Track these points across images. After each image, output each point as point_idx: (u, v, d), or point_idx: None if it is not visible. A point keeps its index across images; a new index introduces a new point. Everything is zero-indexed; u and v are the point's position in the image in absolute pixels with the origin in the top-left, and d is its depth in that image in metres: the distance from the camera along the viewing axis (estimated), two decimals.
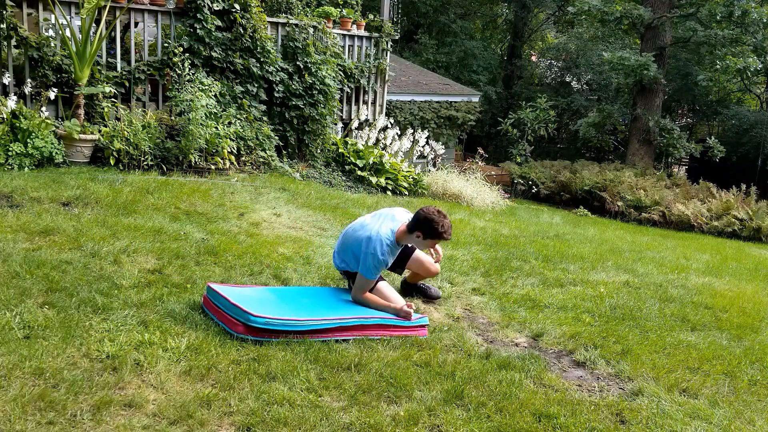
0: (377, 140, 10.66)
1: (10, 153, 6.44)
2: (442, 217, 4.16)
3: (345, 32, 10.22)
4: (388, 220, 4.34)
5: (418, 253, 4.61)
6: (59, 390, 2.91)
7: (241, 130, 8.14)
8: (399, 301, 4.31)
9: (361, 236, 4.25)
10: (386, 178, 9.72)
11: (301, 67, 9.09)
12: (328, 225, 6.52)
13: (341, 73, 10.02)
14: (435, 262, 4.65)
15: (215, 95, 8.01)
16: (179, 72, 7.86)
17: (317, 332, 3.80)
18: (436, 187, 10.36)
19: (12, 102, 6.71)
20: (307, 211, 6.89)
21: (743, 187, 13.96)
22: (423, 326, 4.19)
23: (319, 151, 9.49)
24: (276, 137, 8.76)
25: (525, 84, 23.74)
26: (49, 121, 6.90)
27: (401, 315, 4.11)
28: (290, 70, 9.05)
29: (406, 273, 4.86)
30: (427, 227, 4.15)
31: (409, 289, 4.81)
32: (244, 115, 8.39)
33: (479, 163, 13.57)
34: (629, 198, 14.03)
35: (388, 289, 4.40)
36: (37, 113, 6.85)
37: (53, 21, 7.24)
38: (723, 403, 3.64)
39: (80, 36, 7.12)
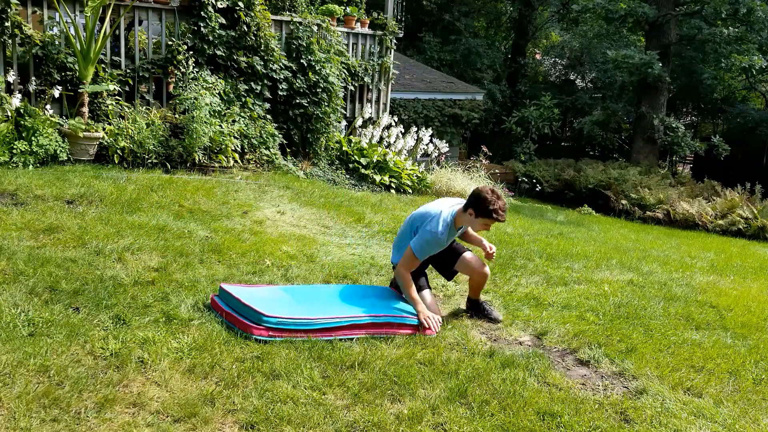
0: (381, 138, 10.66)
1: (14, 151, 6.46)
2: (496, 196, 4.15)
3: (349, 30, 10.21)
4: (449, 203, 4.40)
5: (467, 254, 4.54)
6: (64, 387, 2.92)
7: (245, 129, 8.15)
8: (431, 307, 4.30)
9: (426, 215, 4.33)
10: (390, 176, 9.72)
11: (305, 65, 9.08)
12: (331, 223, 6.52)
13: (345, 71, 10.01)
14: (487, 257, 4.52)
15: (219, 93, 8.02)
16: (183, 70, 7.87)
17: (330, 330, 3.81)
18: (440, 185, 10.35)
19: (17, 100, 6.72)
20: (311, 209, 6.89)
21: (748, 185, 13.92)
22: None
23: (322, 149, 9.48)
24: (280, 135, 8.76)
25: (529, 82, 23.69)
26: (53, 119, 6.91)
27: (420, 318, 4.10)
28: (294, 68, 9.04)
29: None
30: (478, 204, 4.14)
31: (472, 308, 4.65)
32: (248, 114, 8.39)
33: (483, 161, 13.56)
34: (633, 196, 14.02)
35: (429, 296, 4.43)
36: (41, 111, 6.86)
37: (57, 19, 7.25)
38: (727, 402, 3.63)
39: (84, 34, 7.13)
